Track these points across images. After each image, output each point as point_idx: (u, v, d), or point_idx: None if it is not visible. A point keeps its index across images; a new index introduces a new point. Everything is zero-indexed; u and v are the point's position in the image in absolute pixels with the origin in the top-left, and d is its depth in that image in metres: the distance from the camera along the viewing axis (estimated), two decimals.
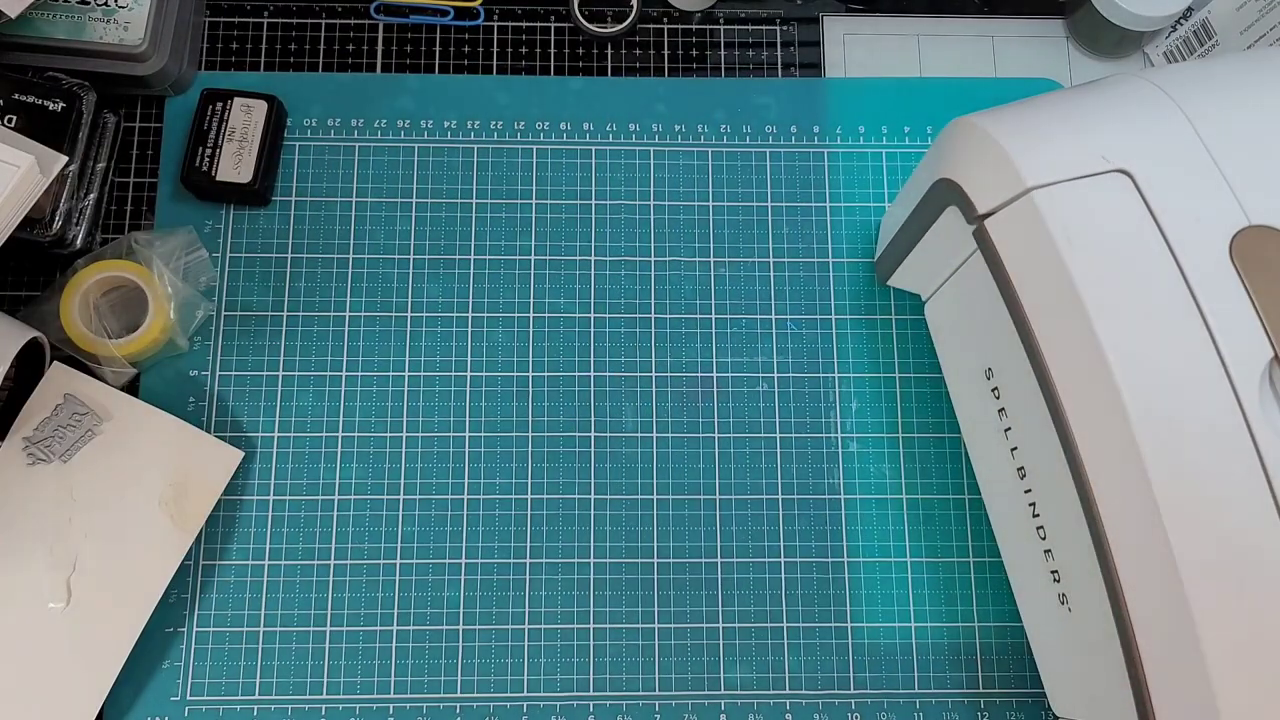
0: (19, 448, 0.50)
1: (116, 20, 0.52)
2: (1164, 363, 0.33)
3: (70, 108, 0.51)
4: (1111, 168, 0.36)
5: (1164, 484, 0.32)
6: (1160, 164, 0.36)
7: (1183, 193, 0.35)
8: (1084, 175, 0.36)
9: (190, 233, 0.53)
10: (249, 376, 0.53)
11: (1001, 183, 0.37)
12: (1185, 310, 0.34)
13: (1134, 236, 0.35)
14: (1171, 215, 0.35)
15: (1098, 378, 0.34)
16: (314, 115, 0.57)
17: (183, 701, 0.49)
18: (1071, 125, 0.38)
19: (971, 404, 0.48)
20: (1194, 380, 0.33)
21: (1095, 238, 0.35)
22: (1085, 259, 0.34)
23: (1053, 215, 0.35)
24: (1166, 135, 0.37)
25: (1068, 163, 0.36)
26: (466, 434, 0.53)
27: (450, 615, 0.51)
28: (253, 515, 0.52)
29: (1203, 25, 0.57)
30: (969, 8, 0.61)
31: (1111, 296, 0.34)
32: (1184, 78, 0.39)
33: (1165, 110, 0.37)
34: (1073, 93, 0.40)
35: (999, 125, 0.38)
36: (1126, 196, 0.35)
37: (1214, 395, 0.33)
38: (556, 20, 0.59)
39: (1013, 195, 0.36)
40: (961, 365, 0.49)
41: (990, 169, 0.38)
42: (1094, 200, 0.35)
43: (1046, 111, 0.39)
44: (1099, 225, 0.35)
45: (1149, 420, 0.33)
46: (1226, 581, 0.32)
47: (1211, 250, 0.34)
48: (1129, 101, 0.38)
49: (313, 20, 0.59)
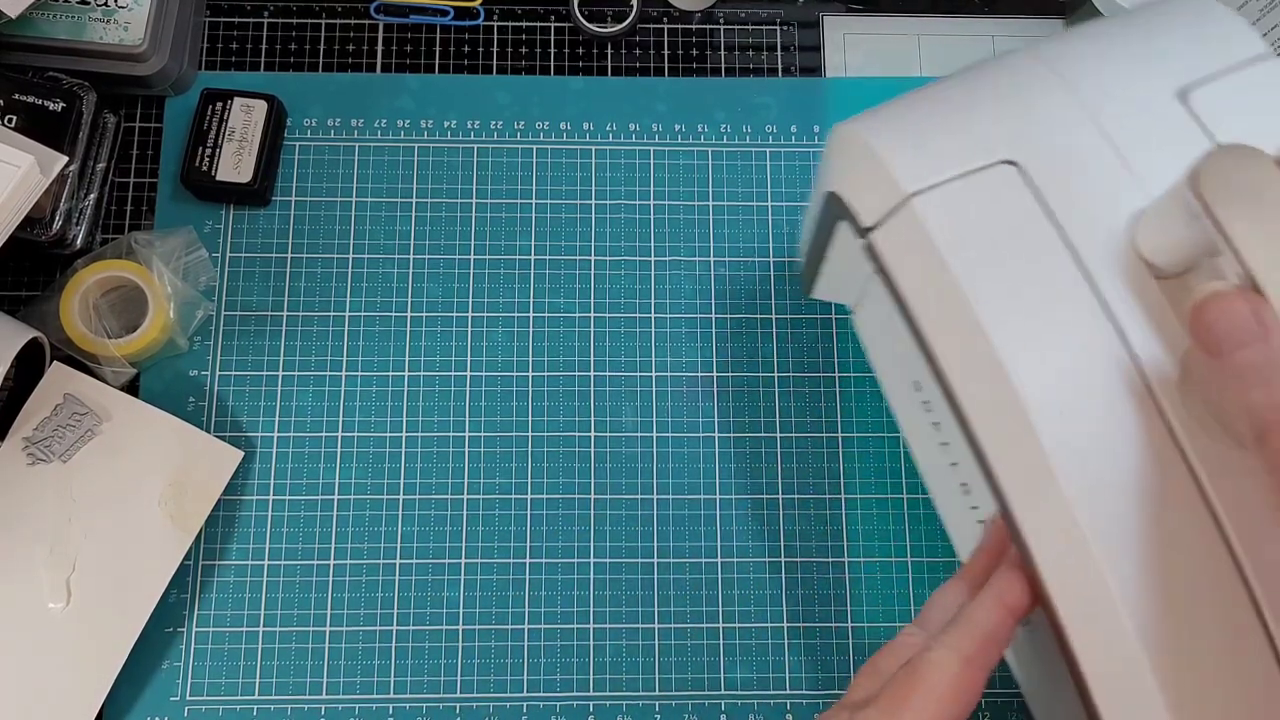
0: (19, 448, 0.50)
1: (116, 20, 0.52)
2: (1069, 362, 0.30)
3: (70, 108, 0.51)
4: (996, 159, 0.33)
5: (1076, 490, 0.29)
6: (1050, 149, 0.33)
7: (1076, 177, 0.33)
8: (967, 172, 0.33)
9: (190, 233, 0.53)
10: (249, 376, 0.53)
11: (881, 192, 0.34)
12: (1087, 303, 0.31)
13: (1025, 230, 0.32)
14: (1064, 203, 0.32)
15: (999, 391, 0.31)
16: (314, 115, 0.57)
17: (182, 701, 0.49)
18: (953, 118, 0.34)
19: (907, 417, 0.45)
20: (1101, 379, 0.30)
21: (983, 238, 0.32)
22: (974, 262, 0.32)
23: (936, 220, 0.32)
24: (1055, 117, 0.34)
25: (949, 161, 0.33)
26: (466, 434, 0.53)
27: (450, 615, 0.51)
28: (252, 515, 0.52)
29: None
30: (969, 7, 0.61)
31: (1005, 299, 0.31)
32: (1072, 51, 0.36)
33: (1053, 90, 0.34)
34: (955, 80, 0.37)
35: (876, 129, 0.35)
36: (1015, 189, 0.33)
37: (1125, 393, 0.30)
38: (556, 20, 0.59)
39: (894, 205, 0.33)
40: (892, 379, 0.46)
41: (869, 179, 0.35)
42: (979, 197, 0.33)
43: (926, 106, 0.36)
44: (986, 224, 0.32)
45: (1057, 430, 0.30)
46: (1141, 552, 0.29)
47: (1110, 235, 0.32)
48: (1014, 84, 0.35)
49: (313, 20, 0.59)
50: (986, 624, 0.32)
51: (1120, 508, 0.29)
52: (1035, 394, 0.30)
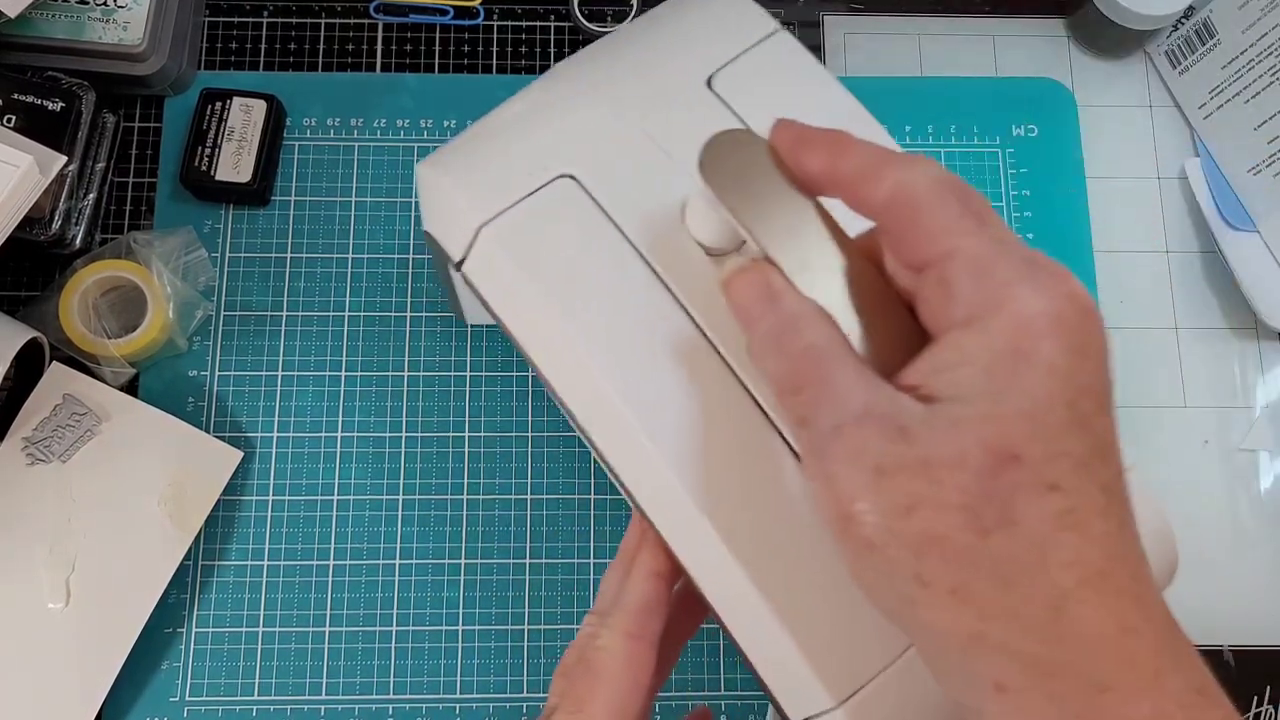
0: (18, 448, 0.50)
1: (116, 20, 0.52)
2: (644, 347, 0.32)
3: (69, 107, 0.50)
4: (554, 175, 0.34)
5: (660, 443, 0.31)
6: (601, 156, 0.35)
7: (627, 177, 0.34)
8: (529, 193, 0.34)
9: (189, 232, 0.53)
10: (248, 376, 0.53)
11: (459, 226, 0.35)
12: (653, 291, 0.33)
13: (590, 236, 0.34)
14: (620, 203, 0.34)
15: (596, 394, 0.33)
16: (313, 115, 0.57)
17: (182, 702, 0.49)
18: (512, 142, 0.36)
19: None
20: (671, 355, 0.32)
21: (553, 252, 0.33)
22: (549, 276, 0.33)
23: (508, 245, 0.34)
24: (601, 124, 0.35)
25: (513, 185, 0.34)
26: (466, 434, 0.53)
27: (450, 615, 0.51)
28: (252, 515, 0.52)
29: (1204, 24, 0.56)
30: (970, 7, 0.61)
31: (584, 308, 0.33)
32: (609, 58, 0.38)
33: (597, 98, 0.36)
34: (514, 102, 0.38)
35: (446, 165, 0.36)
36: (574, 200, 0.34)
37: (709, 370, 0.32)
38: (556, 19, 0.59)
39: (470, 238, 0.34)
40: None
41: (449, 214, 0.36)
42: (544, 215, 0.34)
43: (489, 134, 0.37)
44: (554, 238, 0.34)
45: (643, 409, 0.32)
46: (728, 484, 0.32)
47: (665, 225, 0.33)
48: (562, 98, 0.37)
49: (312, 20, 0.58)
50: (639, 595, 0.33)
51: (697, 444, 0.31)
52: (621, 386, 0.32)
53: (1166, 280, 0.57)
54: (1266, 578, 0.53)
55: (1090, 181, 0.58)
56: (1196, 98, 0.58)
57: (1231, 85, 0.56)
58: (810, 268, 0.27)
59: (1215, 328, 0.57)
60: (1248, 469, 0.55)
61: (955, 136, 0.58)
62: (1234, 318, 0.57)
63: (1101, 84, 0.60)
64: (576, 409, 0.34)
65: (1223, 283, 0.57)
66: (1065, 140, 0.58)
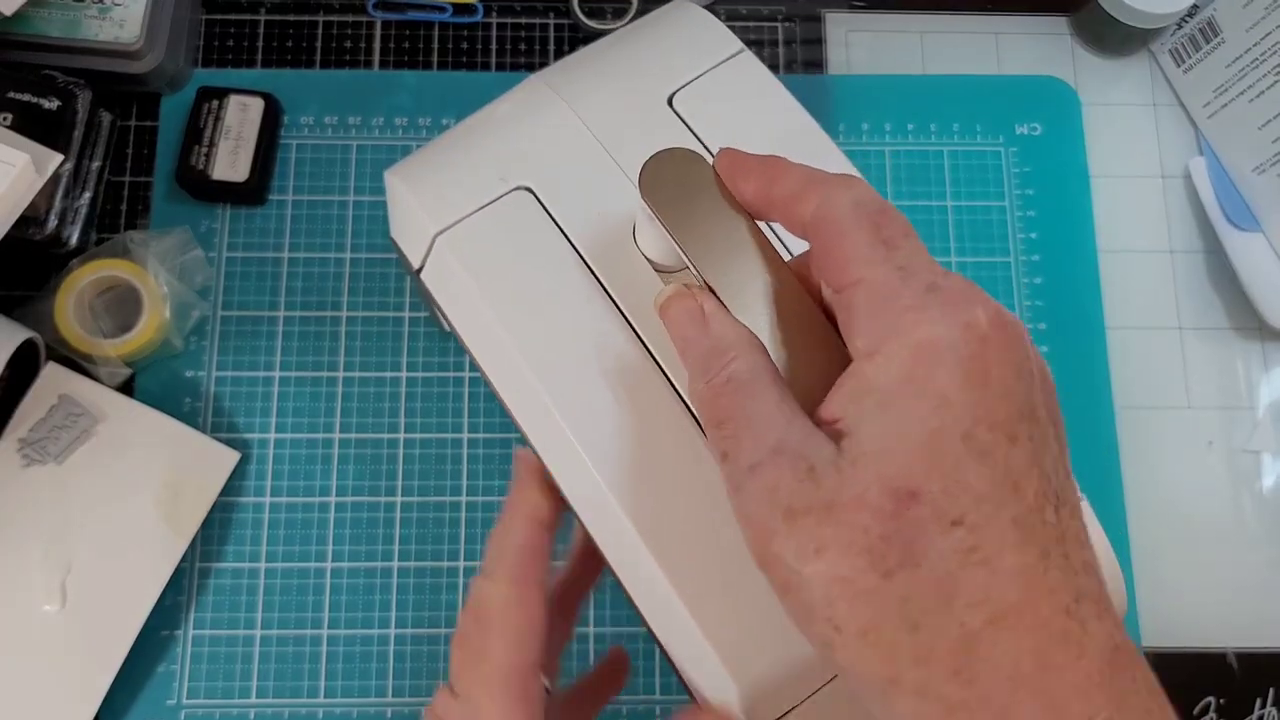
0: (13, 449, 0.49)
1: (112, 18, 0.52)
2: (588, 370, 0.32)
3: (66, 106, 0.50)
4: (510, 187, 0.35)
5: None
6: (559, 170, 0.35)
7: (584, 193, 0.35)
8: (486, 203, 0.35)
9: (186, 232, 0.53)
10: (245, 377, 0.53)
11: (418, 235, 0.36)
12: (603, 309, 0.33)
13: (540, 249, 0.34)
14: (574, 217, 0.34)
15: (531, 395, 0.33)
16: (311, 113, 0.56)
17: (179, 705, 0.49)
18: (474, 153, 0.36)
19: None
20: (624, 377, 0.32)
21: (505, 262, 0.34)
22: (498, 287, 0.34)
23: (461, 254, 0.34)
24: (561, 139, 0.36)
25: (471, 195, 0.35)
26: (465, 435, 0.53)
27: (448, 618, 0.50)
28: (249, 517, 0.51)
29: (1209, 23, 0.56)
30: (973, 4, 0.60)
31: (526, 319, 0.33)
32: (574, 73, 0.38)
33: (559, 113, 0.36)
34: (480, 114, 0.39)
35: (411, 174, 0.37)
36: (529, 212, 0.35)
37: (649, 385, 0.32)
38: (555, 17, 0.59)
39: (428, 246, 0.35)
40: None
41: (410, 223, 0.36)
42: (498, 225, 0.34)
43: (452, 144, 0.38)
44: (506, 249, 0.34)
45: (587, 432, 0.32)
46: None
47: (616, 240, 0.34)
48: (525, 112, 0.37)
49: (309, 17, 0.58)
50: (518, 540, 0.33)
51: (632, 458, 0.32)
52: (558, 396, 0.32)
53: (1170, 280, 0.57)
54: (1270, 579, 0.53)
55: (1094, 180, 0.58)
56: (1201, 96, 0.58)
57: (1236, 84, 0.56)
58: (743, 291, 0.27)
59: (1219, 328, 0.56)
60: (1251, 470, 0.54)
61: (958, 135, 0.57)
62: (1238, 318, 0.56)
63: (1105, 82, 0.59)
64: (521, 419, 0.35)
65: (1226, 283, 0.56)
66: (1069, 139, 0.58)
